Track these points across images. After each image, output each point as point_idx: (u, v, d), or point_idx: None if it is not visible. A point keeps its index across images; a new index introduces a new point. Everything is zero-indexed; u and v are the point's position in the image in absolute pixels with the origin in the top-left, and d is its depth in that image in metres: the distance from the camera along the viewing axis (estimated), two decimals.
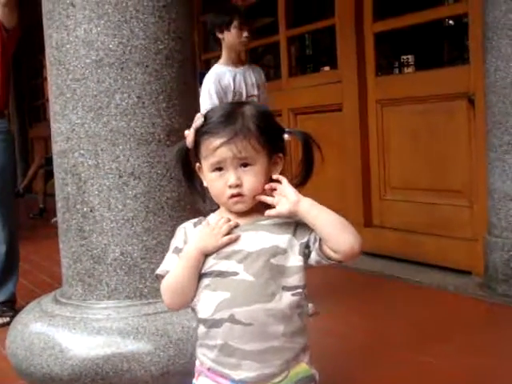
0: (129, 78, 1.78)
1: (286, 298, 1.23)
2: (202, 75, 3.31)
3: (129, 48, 1.78)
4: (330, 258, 1.23)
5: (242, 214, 1.26)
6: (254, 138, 1.22)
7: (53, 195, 2.18)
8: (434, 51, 6.77)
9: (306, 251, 1.25)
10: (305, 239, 1.25)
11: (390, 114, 4.36)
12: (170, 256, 1.29)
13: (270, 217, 1.23)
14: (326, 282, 3.52)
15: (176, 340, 1.71)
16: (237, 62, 3.33)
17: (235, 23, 3.18)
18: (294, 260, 1.24)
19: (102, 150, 1.78)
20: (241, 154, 1.21)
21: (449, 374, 2.42)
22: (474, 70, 3.68)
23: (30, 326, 1.83)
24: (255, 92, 3.30)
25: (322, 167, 1.31)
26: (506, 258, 3.31)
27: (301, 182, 1.29)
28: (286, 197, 1.21)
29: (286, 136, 1.29)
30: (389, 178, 4.41)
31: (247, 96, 3.23)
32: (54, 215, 5.34)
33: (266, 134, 1.24)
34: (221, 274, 1.23)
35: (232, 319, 1.20)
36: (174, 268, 1.25)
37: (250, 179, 1.22)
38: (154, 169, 1.80)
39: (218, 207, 1.30)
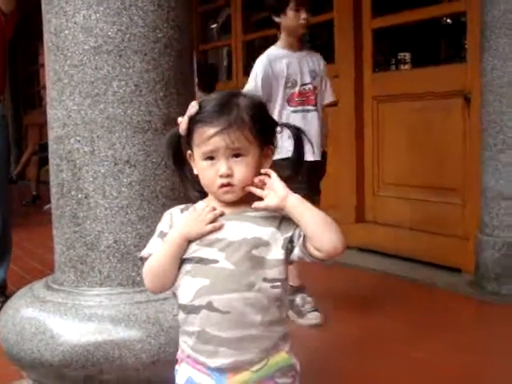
0: (127, 65, 1.78)
1: (265, 290, 1.24)
2: (200, 65, 3.30)
3: (127, 36, 1.77)
4: (312, 256, 1.24)
5: (229, 203, 1.27)
6: (248, 129, 1.23)
7: (46, 182, 2.18)
8: (431, 49, 6.78)
9: (289, 246, 1.25)
10: (289, 234, 1.25)
11: (386, 110, 4.37)
12: (154, 240, 1.30)
13: (257, 209, 1.24)
14: (318, 277, 3.53)
15: (167, 328, 1.71)
16: (295, 46, 3.13)
17: (291, 5, 3.01)
18: (276, 253, 1.25)
19: (97, 136, 1.78)
20: (234, 144, 1.22)
21: (439, 369, 2.44)
22: (470, 69, 3.69)
23: (22, 311, 1.83)
24: (308, 80, 3.07)
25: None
26: (496, 256, 3.34)
27: (290, 176, 1.30)
28: (275, 191, 1.22)
29: (278, 129, 1.30)
30: (383, 174, 4.43)
31: (301, 84, 3.05)
32: (47, 202, 5.34)
33: (259, 125, 1.25)
34: (201, 261, 1.24)
35: (210, 306, 1.22)
36: (156, 252, 1.26)
37: (241, 170, 1.23)
38: (149, 157, 1.80)
39: (206, 195, 1.31)
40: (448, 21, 6.73)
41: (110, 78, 1.77)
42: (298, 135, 1.30)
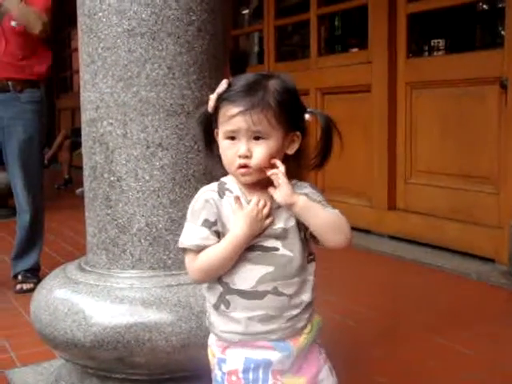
0: (160, 48, 1.77)
1: (310, 266, 1.31)
2: (231, 51, 3.27)
3: (161, 18, 1.76)
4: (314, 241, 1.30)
5: (255, 186, 1.27)
6: (272, 113, 1.22)
7: (78, 167, 2.19)
8: (466, 36, 6.66)
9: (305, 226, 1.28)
10: None
11: (420, 96, 4.30)
12: (198, 229, 1.26)
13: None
14: (348, 263, 3.51)
15: (198, 312, 1.71)
16: None
17: None
18: (306, 230, 1.29)
19: (130, 119, 1.78)
20: (255, 126, 1.21)
21: (469, 359, 2.41)
22: (508, 55, 3.61)
23: (55, 291, 1.85)
24: None
25: (341, 151, 1.30)
26: None
27: (317, 165, 1.30)
28: (281, 194, 1.22)
29: (307, 116, 1.28)
30: (415, 161, 4.37)
31: None
32: (79, 186, 5.38)
33: (285, 110, 1.24)
34: (262, 249, 1.25)
35: (275, 291, 1.25)
36: (214, 250, 1.25)
37: (259, 152, 1.22)
38: (182, 141, 1.79)
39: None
40: (484, 6, 6.60)
41: (143, 60, 1.77)
42: (327, 123, 1.28)
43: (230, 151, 1.24)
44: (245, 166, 1.23)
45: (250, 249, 1.25)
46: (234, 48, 6.35)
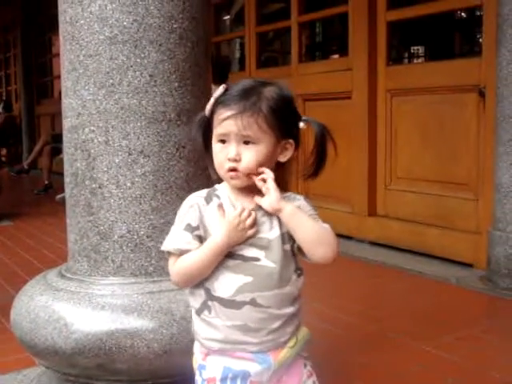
0: (142, 56, 1.77)
1: (295, 281, 1.29)
2: (212, 57, 3.29)
3: (143, 26, 1.77)
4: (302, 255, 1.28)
5: (248, 192, 1.27)
6: (263, 118, 1.22)
7: (58, 172, 2.19)
8: (445, 43, 6.74)
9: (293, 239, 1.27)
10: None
11: (400, 103, 4.35)
12: (181, 233, 1.27)
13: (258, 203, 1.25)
14: (328, 270, 3.53)
15: (179, 318, 1.72)
16: None
17: None
18: (294, 243, 1.28)
19: (112, 127, 1.78)
20: (245, 130, 1.21)
21: (449, 363, 2.44)
22: (485, 63, 3.67)
23: (35, 298, 1.84)
24: None
25: (335, 159, 1.30)
26: (509, 252, 3.32)
27: (312, 174, 1.30)
28: (270, 200, 1.23)
29: (301, 124, 1.28)
30: (395, 167, 4.41)
31: None
32: (59, 192, 5.34)
33: (278, 117, 1.23)
34: (242, 258, 1.25)
35: (253, 303, 1.24)
36: (193, 255, 1.25)
37: (248, 157, 1.23)
38: (163, 148, 1.80)
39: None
40: (462, 15, 6.69)
41: (124, 68, 1.77)
42: (322, 132, 1.28)
43: (220, 154, 1.25)
44: (234, 170, 1.23)
45: (230, 256, 1.25)
46: (216, 54, 6.37)
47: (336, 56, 5.97)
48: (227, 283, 1.25)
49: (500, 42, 3.33)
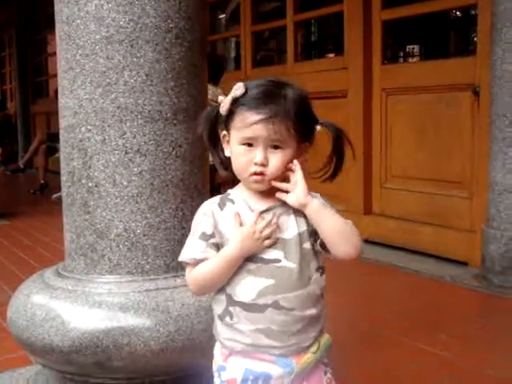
0: (138, 55, 1.78)
1: (318, 280, 1.28)
2: (207, 56, 3.28)
3: (139, 25, 1.78)
4: (328, 253, 1.27)
5: (265, 194, 1.26)
6: (291, 123, 1.21)
7: (54, 171, 2.19)
8: (440, 42, 6.76)
9: (315, 235, 1.26)
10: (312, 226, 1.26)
11: (395, 102, 4.37)
12: (196, 242, 1.26)
13: (282, 199, 1.24)
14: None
15: (176, 316, 1.72)
16: None
17: None
18: (314, 241, 1.27)
19: (109, 125, 1.79)
20: (276, 135, 1.20)
21: (444, 360, 2.45)
22: (480, 62, 3.68)
23: (32, 297, 1.85)
24: None
25: (354, 161, 1.34)
26: (503, 250, 3.34)
27: (329, 177, 1.31)
28: (296, 194, 1.22)
29: (318, 127, 1.27)
30: (390, 166, 4.43)
31: None
32: (55, 191, 5.35)
33: (302, 120, 1.23)
34: (262, 260, 1.23)
35: (276, 305, 1.22)
36: (208, 264, 1.24)
37: (276, 162, 1.21)
38: (160, 147, 1.81)
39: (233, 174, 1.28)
40: (457, 14, 6.71)
41: (121, 67, 1.78)
42: (338, 135, 1.28)
43: (244, 157, 1.22)
44: (260, 174, 1.22)
45: (250, 260, 1.23)
46: (211, 53, 6.37)
47: (332, 55, 5.98)
48: (249, 287, 1.23)
49: (494, 41, 3.35)
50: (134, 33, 1.78)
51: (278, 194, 1.24)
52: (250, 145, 1.22)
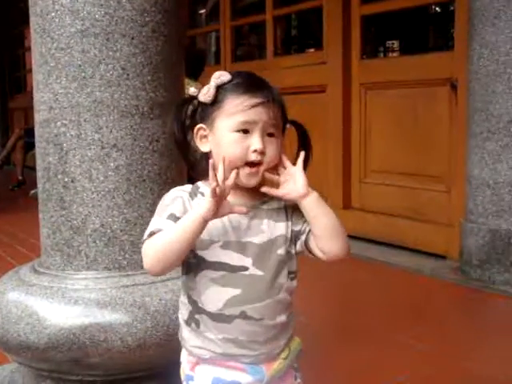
0: (114, 49, 1.76)
1: (289, 286, 1.23)
2: (186, 50, 3.26)
3: (115, 19, 1.76)
4: (312, 253, 1.22)
5: (242, 191, 1.18)
6: (282, 110, 1.18)
7: (32, 168, 2.17)
8: (419, 37, 6.79)
9: (295, 239, 1.22)
10: (298, 227, 1.22)
11: (374, 97, 4.38)
12: (163, 221, 1.17)
13: (269, 194, 1.18)
14: (303, 262, 3.54)
15: (153, 312, 1.71)
16: None
17: None
18: (291, 246, 1.22)
19: (84, 120, 1.77)
20: (274, 120, 1.15)
21: (422, 353, 2.47)
22: (457, 57, 3.71)
23: (8, 294, 1.83)
24: None
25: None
26: (481, 243, 3.37)
27: None
28: (296, 185, 1.17)
29: (288, 125, 1.24)
30: (369, 161, 4.45)
31: None
32: (33, 187, 5.30)
33: (284, 111, 1.20)
34: (229, 268, 1.17)
35: (244, 316, 1.17)
36: (169, 229, 1.14)
37: (273, 150, 1.15)
38: (136, 141, 1.79)
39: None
40: (436, 9, 6.74)
41: (97, 61, 1.76)
42: (304, 131, 1.24)
43: (238, 145, 1.14)
44: (257, 165, 1.14)
45: (215, 267, 1.16)
46: (191, 47, 6.34)
47: (312, 50, 5.98)
48: (215, 297, 1.17)
49: (471, 37, 3.37)
50: (110, 26, 1.76)
51: (266, 189, 1.17)
52: (245, 131, 1.14)
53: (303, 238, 1.21)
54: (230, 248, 1.17)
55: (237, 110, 1.14)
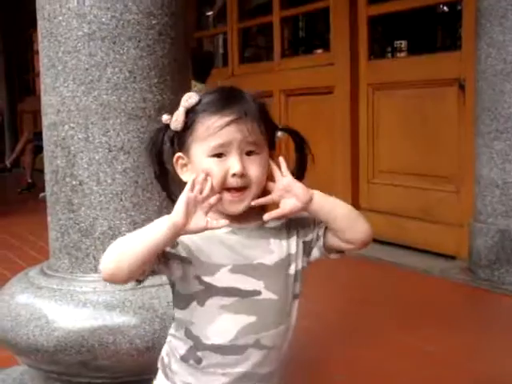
0: (121, 52, 1.77)
1: (296, 308, 1.17)
2: (193, 53, 3.27)
3: (122, 22, 1.76)
4: (336, 252, 1.17)
5: (236, 216, 1.09)
6: (261, 122, 1.08)
7: (41, 170, 2.18)
8: (427, 37, 6.76)
9: (308, 250, 1.17)
10: (308, 238, 1.16)
11: (382, 98, 4.37)
12: None
13: (277, 218, 1.09)
14: (312, 264, 3.54)
15: (161, 314, 1.72)
16: None
17: None
18: (300, 263, 1.16)
19: (92, 123, 1.78)
20: (251, 136, 1.05)
21: (432, 354, 2.46)
22: (465, 56, 3.70)
23: (17, 296, 1.84)
24: None
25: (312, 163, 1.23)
26: (490, 243, 3.35)
27: (298, 178, 1.16)
28: (297, 196, 1.08)
29: (279, 133, 1.15)
30: (378, 161, 4.44)
31: None
32: (43, 190, 5.34)
33: (267, 123, 1.10)
34: (240, 293, 1.09)
35: (257, 344, 1.10)
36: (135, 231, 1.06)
37: (255, 168, 1.06)
38: (143, 144, 1.79)
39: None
40: (444, 8, 6.72)
41: (104, 64, 1.77)
42: (299, 139, 1.17)
43: (217, 169, 1.04)
44: (240, 190, 1.05)
45: (224, 293, 1.08)
46: (198, 50, 6.35)
47: (319, 51, 5.97)
48: (225, 327, 1.08)
49: (479, 36, 3.36)
50: (117, 29, 1.77)
51: (268, 216, 1.07)
52: (219, 155, 1.05)
53: (320, 242, 1.16)
54: (240, 272, 1.09)
55: (208, 134, 1.05)
